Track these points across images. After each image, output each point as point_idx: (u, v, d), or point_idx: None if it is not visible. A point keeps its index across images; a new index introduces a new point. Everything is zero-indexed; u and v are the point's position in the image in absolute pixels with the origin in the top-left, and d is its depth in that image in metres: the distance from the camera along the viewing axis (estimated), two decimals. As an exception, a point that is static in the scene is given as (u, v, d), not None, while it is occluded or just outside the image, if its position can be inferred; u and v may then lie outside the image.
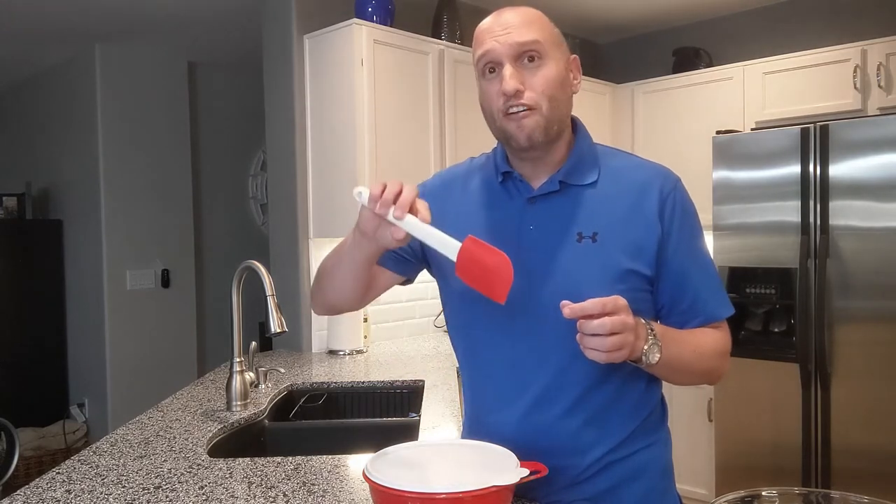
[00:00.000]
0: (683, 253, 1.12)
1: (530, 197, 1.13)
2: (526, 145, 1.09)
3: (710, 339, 1.14)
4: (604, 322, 0.93)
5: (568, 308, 0.94)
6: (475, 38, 1.13)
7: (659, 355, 1.01)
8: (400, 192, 0.96)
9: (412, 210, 0.96)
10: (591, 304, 0.93)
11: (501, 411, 1.14)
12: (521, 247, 1.11)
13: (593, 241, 1.09)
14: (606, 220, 1.10)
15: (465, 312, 1.20)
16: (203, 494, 1.23)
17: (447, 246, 0.97)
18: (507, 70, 1.07)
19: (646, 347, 0.99)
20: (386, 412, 2.26)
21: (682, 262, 1.12)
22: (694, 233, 1.15)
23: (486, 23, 1.12)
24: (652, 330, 1.01)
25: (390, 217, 0.95)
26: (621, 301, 0.95)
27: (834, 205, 2.75)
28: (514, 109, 1.07)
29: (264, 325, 1.83)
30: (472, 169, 1.25)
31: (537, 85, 1.07)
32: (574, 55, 1.16)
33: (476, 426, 1.20)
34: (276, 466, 1.38)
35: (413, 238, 0.99)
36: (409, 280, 1.30)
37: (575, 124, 1.18)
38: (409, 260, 1.24)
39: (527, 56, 1.07)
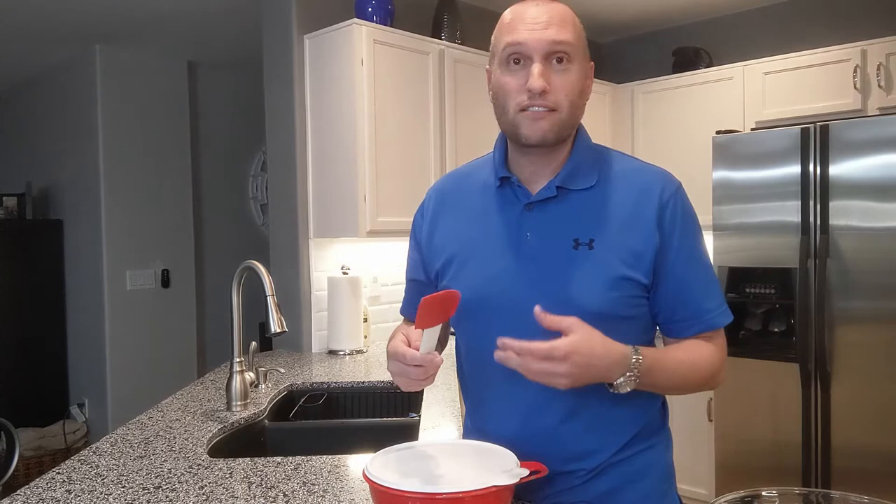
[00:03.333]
0: (683, 262, 1.10)
1: (528, 203, 1.12)
2: (536, 143, 1.07)
3: (706, 359, 1.12)
4: (531, 369, 0.94)
5: (512, 347, 0.94)
6: (503, 24, 1.10)
7: (629, 388, 1.01)
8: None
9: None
10: (536, 347, 0.93)
11: (501, 418, 1.14)
12: (518, 255, 1.10)
13: (590, 248, 1.07)
14: (604, 227, 1.08)
15: (463, 322, 1.19)
16: (203, 494, 1.23)
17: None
18: (537, 67, 1.04)
19: (620, 380, 1.00)
20: (386, 412, 2.26)
21: (681, 271, 1.10)
22: (694, 240, 1.12)
23: (519, 10, 1.08)
24: (637, 361, 1.00)
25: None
26: (573, 346, 0.94)
27: (834, 205, 2.75)
28: (535, 109, 1.05)
29: (264, 325, 1.83)
30: (471, 171, 1.24)
31: (562, 88, 1.06)
32: (591, 62, 1.13)
33: (476, 434, 1.19)
34: (276, 466, 1.38)
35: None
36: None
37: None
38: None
39: (556, 56, 1.05)
